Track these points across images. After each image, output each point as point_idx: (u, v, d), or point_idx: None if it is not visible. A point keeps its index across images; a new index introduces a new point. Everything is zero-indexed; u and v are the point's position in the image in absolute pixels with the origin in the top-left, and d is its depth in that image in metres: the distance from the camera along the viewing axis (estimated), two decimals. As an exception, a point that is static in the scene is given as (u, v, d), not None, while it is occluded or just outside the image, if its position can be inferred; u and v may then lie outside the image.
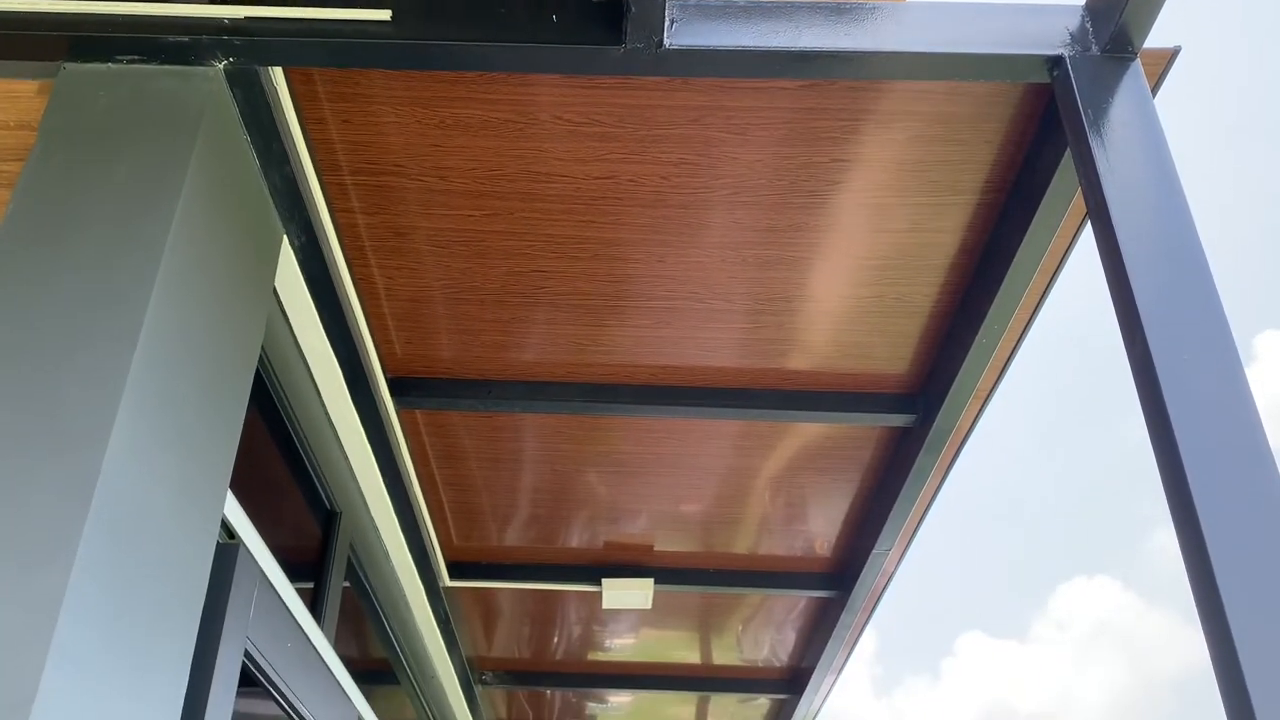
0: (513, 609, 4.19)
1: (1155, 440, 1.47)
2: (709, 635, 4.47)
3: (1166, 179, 1.66)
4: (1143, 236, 1.66)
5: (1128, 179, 1.65)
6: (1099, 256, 1.76)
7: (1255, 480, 1.41)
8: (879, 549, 3.35)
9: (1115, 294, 1.65)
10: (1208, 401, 1.47)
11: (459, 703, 4.71)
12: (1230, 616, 1.32)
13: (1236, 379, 1.50)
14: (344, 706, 2.66)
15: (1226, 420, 1.46)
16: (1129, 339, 1.57)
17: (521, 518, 3.49)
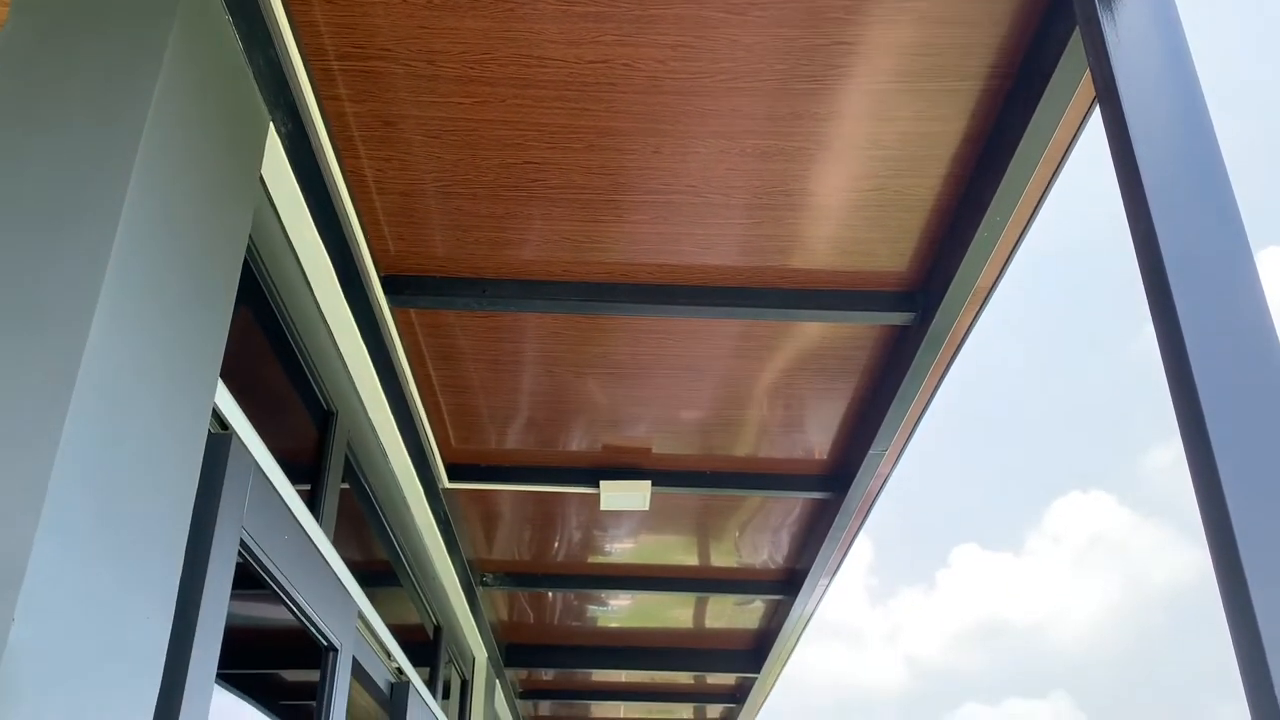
0: (512, 512, 4.22)
1: (1160, 329, 1.44)
2: (707, 538, 4.52)
3: (1178, 58, 1.60)
4: (1152, 117, 1.61)
5: (1138, 57, 1.59)
6: (1106, 138, 1.71)
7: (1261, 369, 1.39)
8: (875, 450, 3.36)
9: (1121, 176, 1.60)
10: (1215, 290, 1.44)
11: (460, 603, 4.79)
12: (1234, 520, 1.31)
13: (1246, 267, 1.47)
14: (344, 602, 2.69)
15: (1234, 309, 1.43)
16: (1134, 221, 1.53)
17: (520, 420, 3.50)
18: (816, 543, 4.29)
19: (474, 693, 5.48)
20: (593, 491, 3.83)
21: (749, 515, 4.24)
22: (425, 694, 3.82)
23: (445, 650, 4.69)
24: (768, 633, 5.79)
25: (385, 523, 3.62)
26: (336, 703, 2.59)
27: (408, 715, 3.50)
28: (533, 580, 4.86)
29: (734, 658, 6.04)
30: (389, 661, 3.45)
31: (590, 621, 5.72)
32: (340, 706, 2.62)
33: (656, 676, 6.63)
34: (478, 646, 5.47)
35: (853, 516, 3.91)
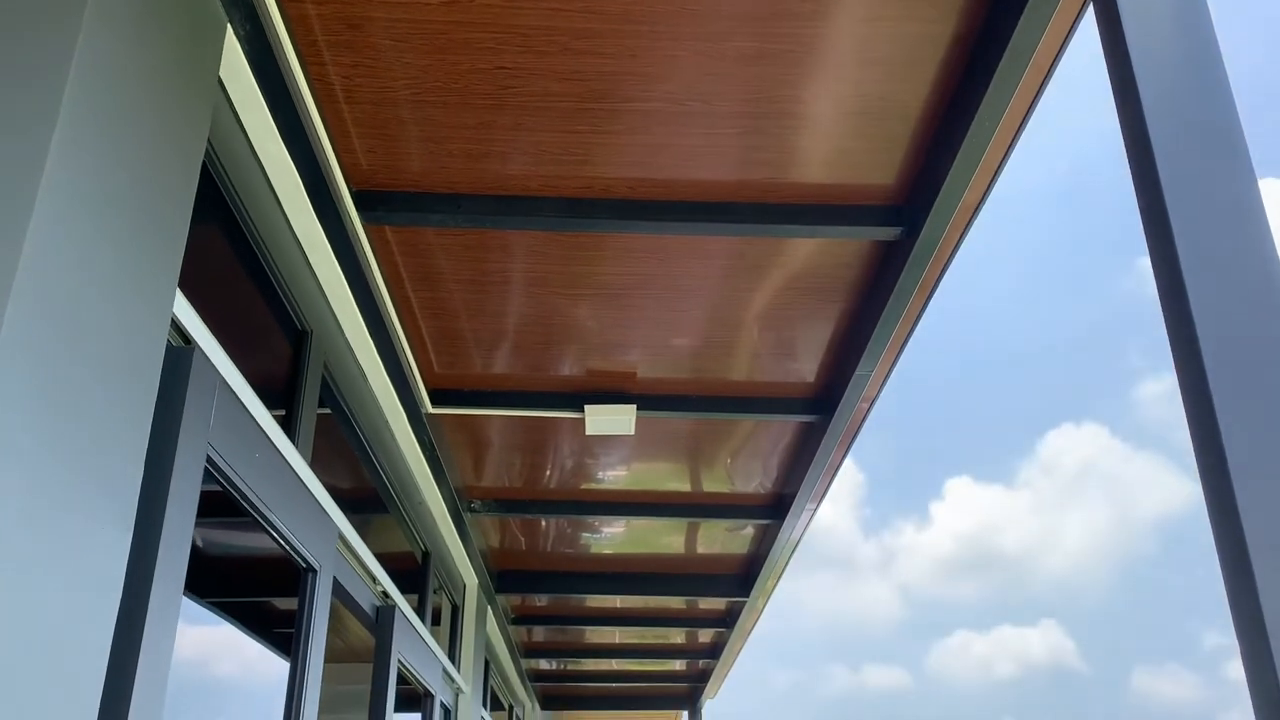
0: (499, 438, 4.20)
1: (1156, 253, 1.38)
2: (697, 464, 4.51)
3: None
4: (1149, 20, 1.53)
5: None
6: (1100, 40, 1.64)
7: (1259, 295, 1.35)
8: (861, 371, 3.32)
9: (1116, 86, 1.54)
10: (1214, 213, 1.38)
11: (448, 530, 4.80)
12: (1227, 447, 1.27)
13: (1247, 187, 1.41)
14: (322, 523, 2.67)
15: (1234, 234, 1.37)
16: (1130, 136, 1.47)
17: (503, 344, 3.45)
18: (803, 467, 4.28)
19: (465, 618, 5.52)
20: (577, 416, 3.80)
21: (738, 441, 4.21)
22: (412, 617, 3.83)
23: (434, 576, 4.70)
24: (756, 558, 5.82)
25: (369, 449, 3.59)
26: (317, 624, 2.58)
27: (394, 638, 3.51)
28: (522, 506, 4.85)
29: (724, 582, 6.08)
30: (374, 585, 3.45)
31: (581, 548, 5.74)
32: (320, 628, 2.61)
33: (648, 601, 6.69)
34: (468, 573, 5.50)
35: (839, 440, 3.89)
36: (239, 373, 2.04)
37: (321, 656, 2.61)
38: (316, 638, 2.57)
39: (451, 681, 5.10)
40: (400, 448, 3.88)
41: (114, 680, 1.51)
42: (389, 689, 3.42)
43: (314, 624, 2.56)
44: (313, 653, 2.53)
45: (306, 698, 2.47)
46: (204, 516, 2.17)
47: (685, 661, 8.52)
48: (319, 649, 2.59)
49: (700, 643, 7.93)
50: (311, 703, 2.51)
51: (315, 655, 2.55)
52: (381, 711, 3.38)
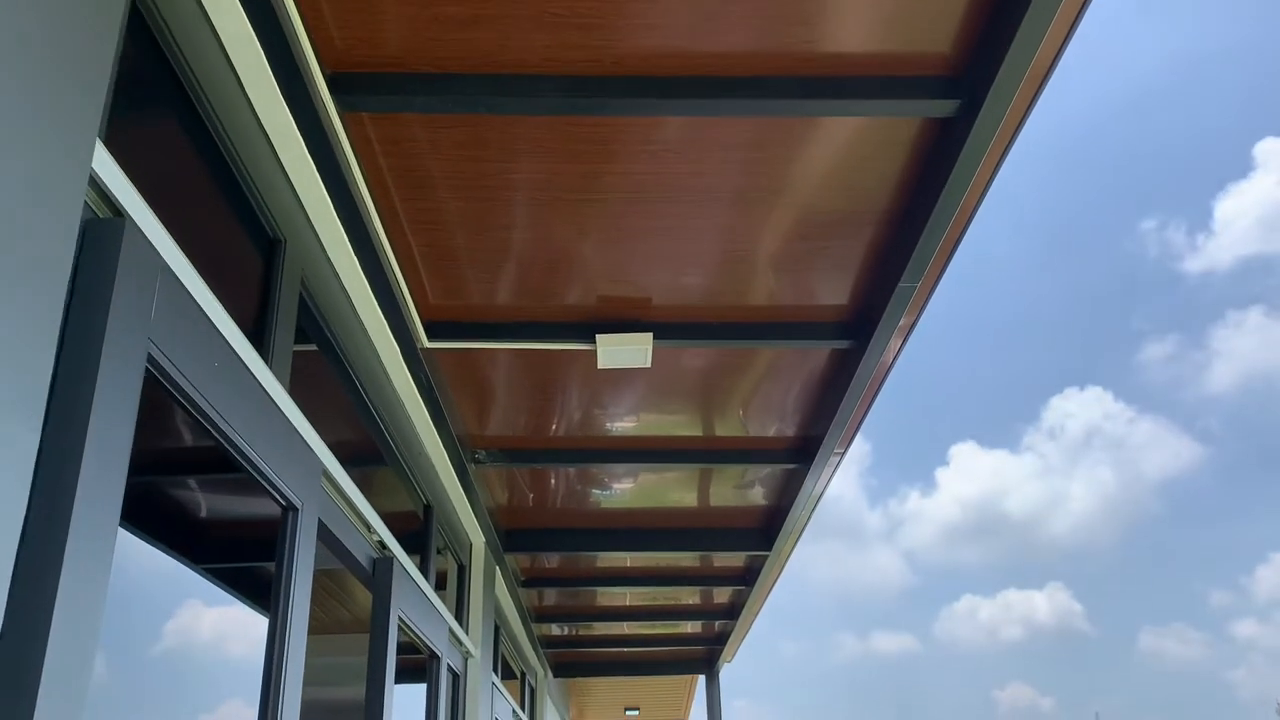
0: (503, 379, 3.87)
1: None
2: (715, 404, 4.18)
3: None
4: None
5: None
6: None
7: None
8: (905, 283, 2.98)
9: None
10: None
11: (452, 484, 4.48)
12: None
13: None
14: (303, 456, 2.34)
15: None
16: None
17: (503, 266, 3.11)
18: (833, 403, 3.95)
19: (472, 579, 5.22)
20: (588, 348, 3.46)
21: (761, 374, 3.88)
22: (414, 572, 3.52)
23: (438, 533, 4.39)
24: (778, 510, 5.51)
25: (362, 390, 3.26)
26: (299, 567, 2.26)
27: (393, 592, 3.20)
28: (529, 456, 4.53)
29: (743, 536, 5.77)
30: (369, 535, 3.14)
31: (593, 504, 5.43)
32: (304, 575, 2.29)
33: (663, 559, 6.39)
34: (474, 531, 5.19)
35: (874, 370, 3.55)
36: (184, 258, 1.70)
37: (306, 608, 2.29)
38: (299, 586, 2.25)
39: (459, 645, 4.80)
40: (395, 389, 3.55)
41: (17, 624, 1.19)
42: (388, 648, 3.11)
43: (295, 569, 2.24)
44: (295, 603, 2.22)
45: (289, 656, 2.16)
46: (160, 442, 1.85)
47: (701, 623, 8.24)
48: (303, 599, 2.27)
49: (717, 603, 7.65)
50: (295, 662, 2.20)
51: (298, 607, 2.24)
52: (381, 672, 3.08)
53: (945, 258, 3.05)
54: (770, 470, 4.91)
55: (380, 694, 3.05)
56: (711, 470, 4.93)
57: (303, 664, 2.25)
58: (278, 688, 2.11)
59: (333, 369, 3.05)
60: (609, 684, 12.17)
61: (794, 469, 4.76)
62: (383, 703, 3.04)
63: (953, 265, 3.16)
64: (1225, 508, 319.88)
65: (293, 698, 2.17)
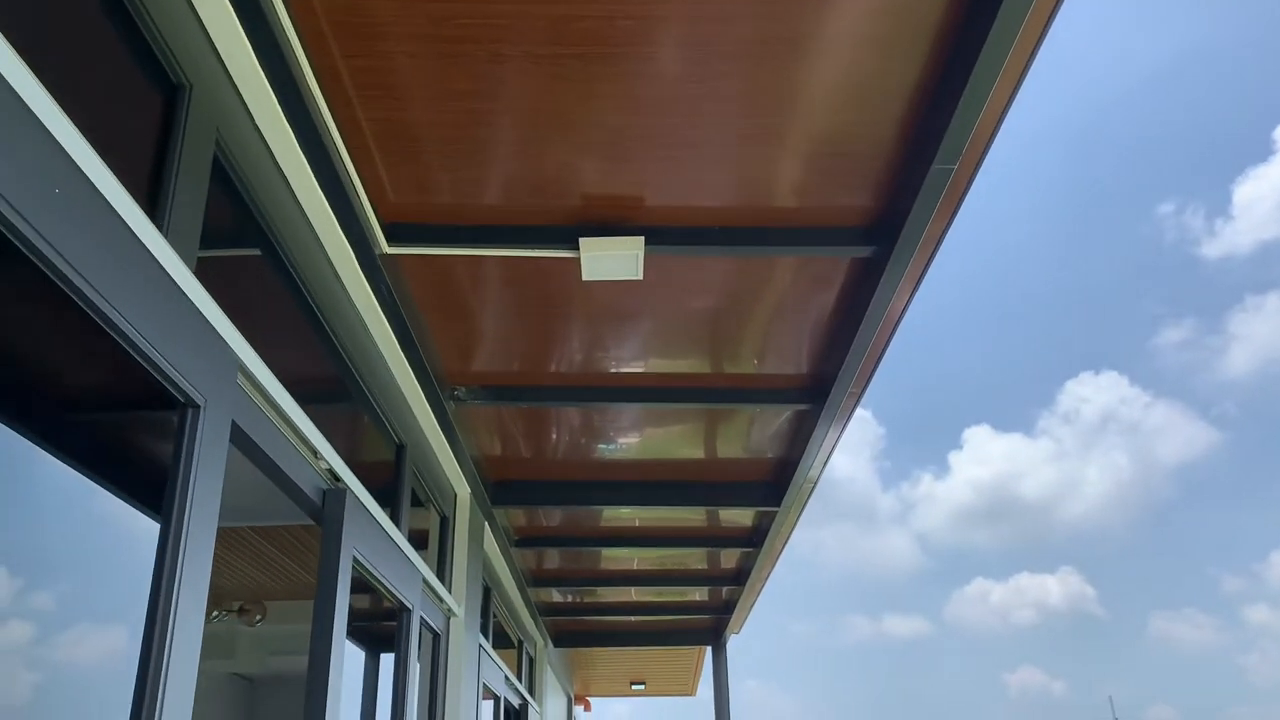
0: (483, 298, 3.45)
1: None
2: (722, 331, 3.75)
3: None
4: None
5: None
6: None
7: None
8: (940, 165, 2.54)
9: None
10: None
11: (429, 423, 4.07)
12: None
13: None
14: (210, 347, 1.93)
15: None
16: None
17: (471, 153, 2.68)
18: (851, 326, 3.52)
19: (456, 533, 4.82)
20: (570, 255, 3.04)
21: (773, 297, 3.45)
22: (374, 509, 3.11)
23: (412, 475, 3.98)
24: (787, 463, 5.09)
25: (311, 300, 2.85)
26: (200, 472, 1.85)
27: (344, 527, 2.79)
28: (516, 394, 4.12)
29: (752, 491, 5.35)
30: (315, 461, 2.73)
31: (590, 454, 5.01)
32: (208, 479, 1.88)
33: (667, 517, 5.98)
34: (458, 481, 4.79)
35: (901, 281, 3.12)
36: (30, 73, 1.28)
37: (211, 522, 1.89)
38: (200, 493, 1.84)
39: (440, 602, 4.41)
40: (354, 303, 3.14)
41: None
42: (338, 592, 2.71)
43: (194, 474, 1.83)
44: (193, 514, 1.81)
45: (182, 575, 1.75)
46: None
47: (708, 590, 7.84)
48: (206, 511, 1.86)
49: (724, 568, 7.24)
50: (193, 586, 1.79)
51: (198, 519, 1.83)
52: (329, 622, 2.67)
53: (991, 128, 2.60)
54: (781, 416, 4.49)
55: (327, 648, 2.65)
56: (719, 415, 4.51)
57: (205, 589, 1.84)
58: (166, 611, 1.70)
59: (274, 273, 2.64)
60: (614, 657, 11.82)
61: (806, 411, 4.33)
62: (329, 657, 2.64)
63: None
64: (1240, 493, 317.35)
65: (189, 625, 1.76)
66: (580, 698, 13.75)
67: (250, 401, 2.21)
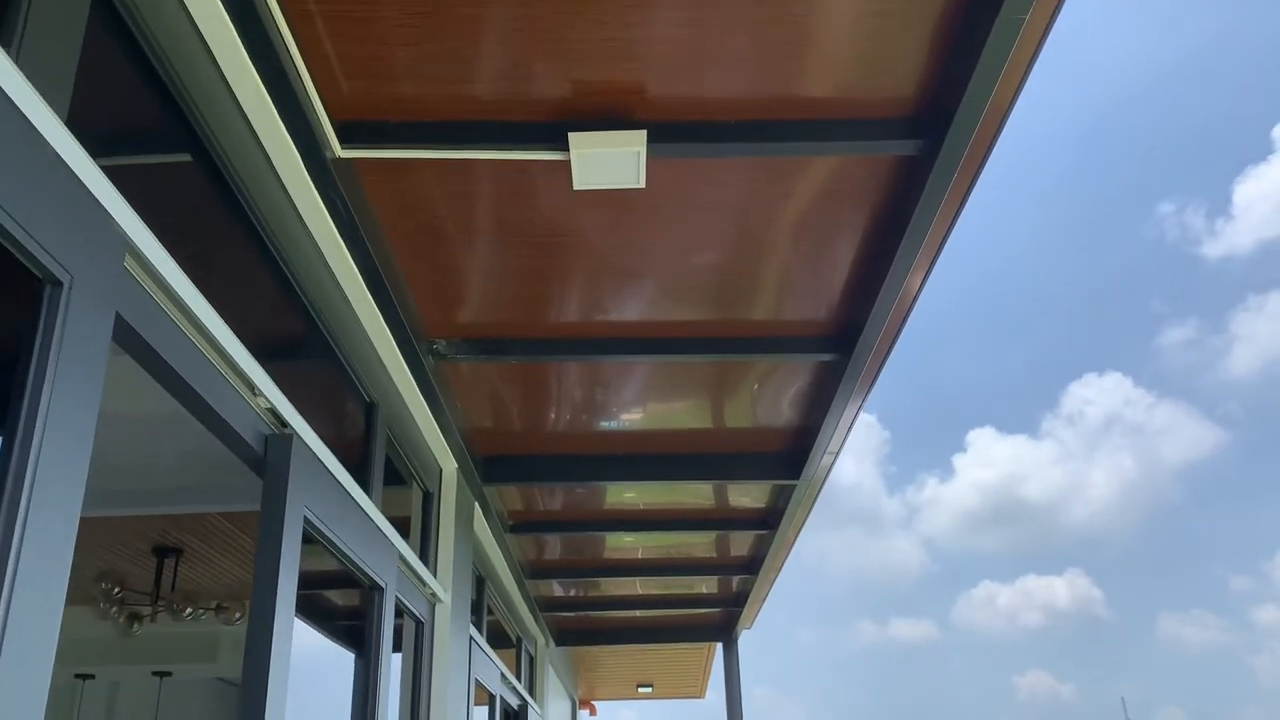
0: (457, 225, 2.98)
1: None
2: (737, 265, 3.28)
3: None
4: None
5: None
6: None
7: None
8: (1016, 14, 2.07)
9: None
10: None
11: (404, 381, 3.59)
12: None
13: None
14: (83, 216, 1.46)
15: None
16: None
17: (438, 22, 2.22)
18: (884, 265, 3.06)
19: (441, 512, 4.34)
20: (559, 158, 2.57)
21: (794, 219, 2.98)
22: (332, 463, 2.64)
23: (388, 441, 3.51)
24: (807, 431, 4.61)
25: (253, 217, 2.38)
26: (62, 372, 1.38)
27: (291, 480, 2.32)
28: (503, 347, 3.64)
29: (769, 463, 4.87)
30: (253, 398, 2.26)
31: (592, 425, 4.54)
32: (76, 381, 1.41)
33: (675, 498, 5.50)
34: (443, 454, 4.31)
35: (954, 179, 2.64)
36: None
37: (81, 449, 1.41)
38: (62, 387, 1.37)
39: (423, 586, 3.93)
40: (310, 231, 2.67)
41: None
42: (282, 558, 2.23)
43: (50, 374, 1.36)
44: (47, 430, 1.34)
45: (33, 491, 1.28)
46: None
47: (718, 580, 7.35)
48: (68, 429, 1.39)
49: (735, 556, 6.76)
50: (46, 504, 1.32)
51: (60, 424, 1.36)
52: (270, 590, 2.20)
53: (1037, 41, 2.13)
54: (800, 375, 4.02)
55: (268, 627, 2.17)
56: (734, 373, 4.04)
57: (70, 533, 1.37)
58: None
59: (202, 173, 2.17)
60: (619, 658, 11.32)
61: (829, 367, 3.86)
62: (270, 639, 2.16)
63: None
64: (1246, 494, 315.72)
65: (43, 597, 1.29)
66: (585, 701, 13.25)
67: (148, 297, 1.74)
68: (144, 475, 4.30)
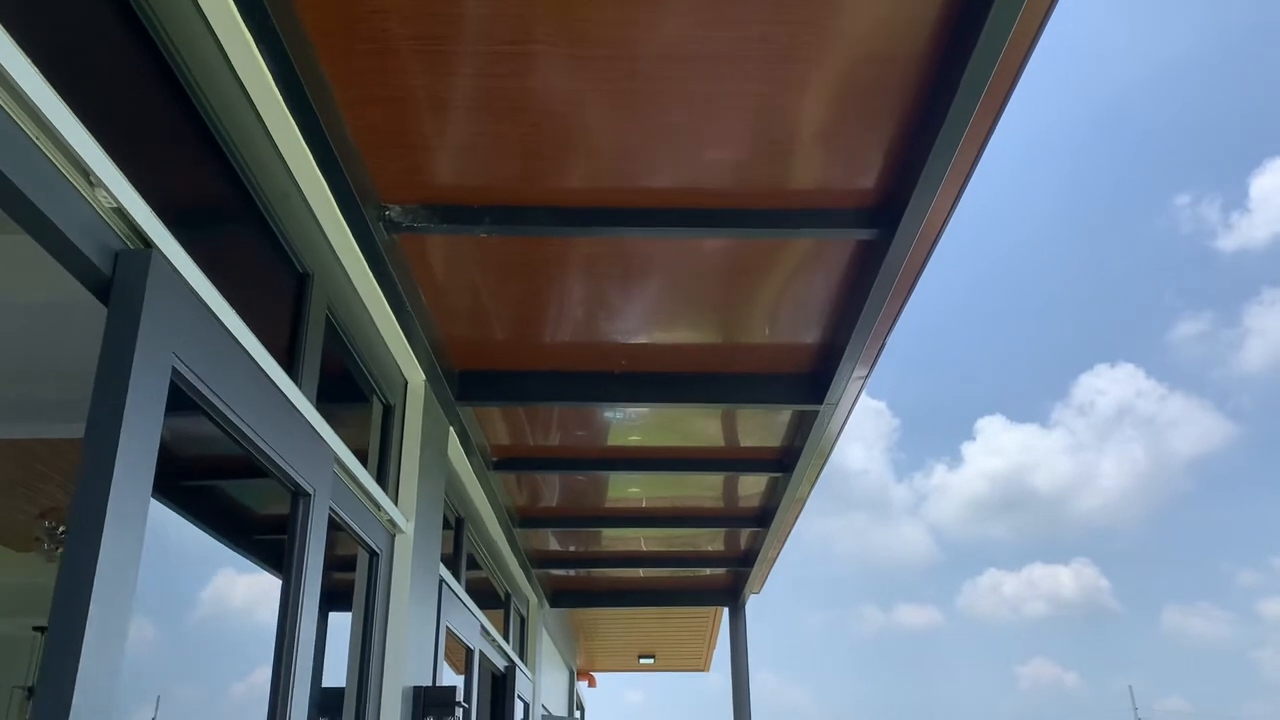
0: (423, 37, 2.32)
1: None
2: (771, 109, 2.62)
3: None
4: None
5: None
6: None
7: None
8: None
9: None
10: None
11: (355, 263, 2.94)
12: None
13: None
14: None
15: None
16: None
17: None
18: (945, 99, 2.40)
19: (406, 432, 3.71)
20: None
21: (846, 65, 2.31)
22: (216, 303, 1.99)
23: (320, 322, 2.86)
24: (832, 348, 3.96)
25: None
26: None
27: (147, 306, 1.67)
28: (470, 216, 2.98)
29: (789, 384, 4.23)
30: (93, 193, 1.61)
31: (589, 333, 3.89)
32: None
33: (682, 427, 4.85)
34: (407, 361, 3.67)
35: None
36: None
37: None
38: None
39: (378, 511, 3.30)
40: (207, 19, 2.02)
41: None
42: (128, 412, 1.59)
43: None
44: None
45: None
46: None
47: (725, 534, 6.71)
48: None
49: (744, 505, 6.12)
50: None
51: None
52: (104, 458, 1.56)
53: None
54: (835, 261, 3.36)
55: (97, 515, 1.54)
56: (759, 261, 3.38)
57: None
58: None
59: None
60: (620, 626, 10.73)
61: (873, 245, 3.20)
62: (100, 530, 1.52)
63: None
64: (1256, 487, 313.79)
65: None
66: (584, 673, 12.68)
67: None
68: (80, 382, 3.67)
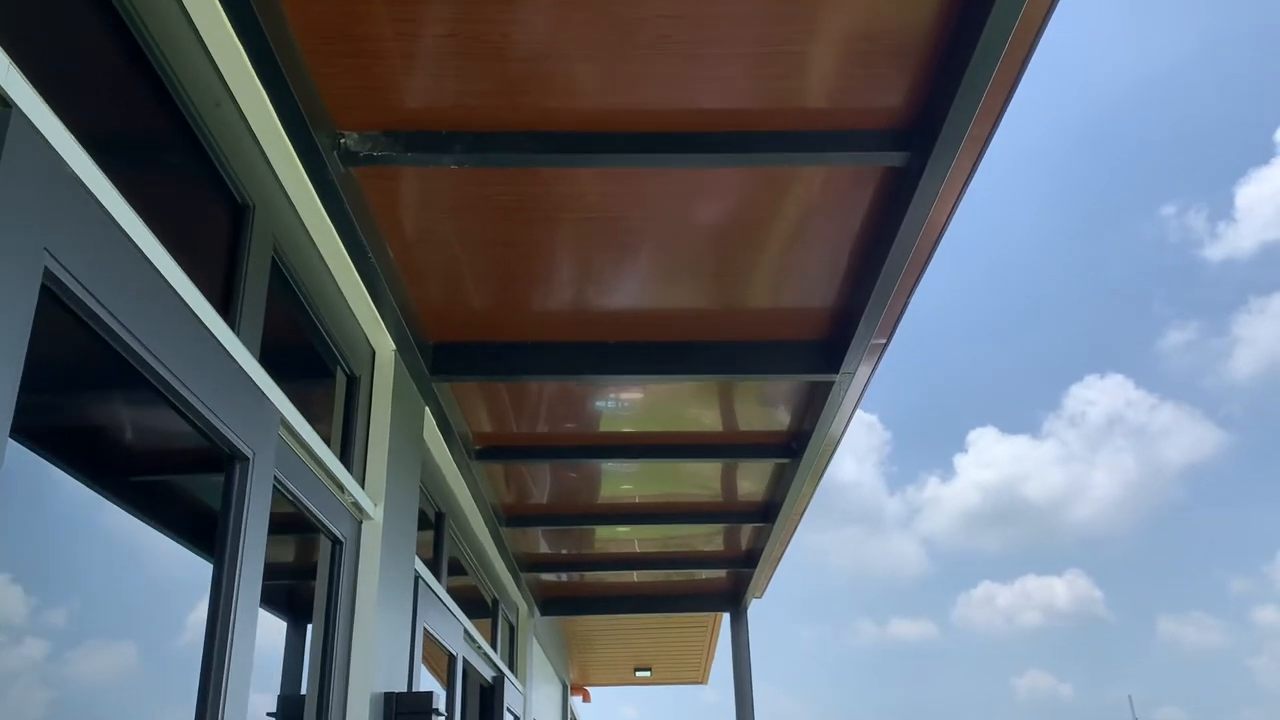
0: None
1: None
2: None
3: None
4: None
5: None
6: None
7: None
8: None
9: None
10: None
11: (307, 201, 2.53)
12: None
13: None
14: None
15: None
16: None
17: None
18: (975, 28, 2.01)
19: (374, 407, 3.29)
20: None
21: None
22: (106, 194, 1.58)
23: (260, 256, 2.44)
24: (849, 311, 3.57)
25: None
26: None
27: (8, 173, 1.26)
28: (440, 144, 2.57)
29: (802, 354, 3.83)
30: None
31: (581, 297, 3.49)
32: None
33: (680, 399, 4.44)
34: (373, 327, 3.25)
35: None
36: None
37: None
38: None
39: (341, 493, 2.88)
40: None
41: None
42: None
43: None
44: None
45: None
46: None
47: (724, 532, 6.29)
48: None
49: (747, 499, 5.70)
50: None
51: None
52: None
53: None
54: (861, 191, 2.97)
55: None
56: (763, 209, 2.99)
57: None
58: None
59: None
60: (615, 638, 10.28)
61: (902, 173, 2.80)
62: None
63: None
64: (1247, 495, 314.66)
65: None
66: (578, 687, 12.20)
67: None
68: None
